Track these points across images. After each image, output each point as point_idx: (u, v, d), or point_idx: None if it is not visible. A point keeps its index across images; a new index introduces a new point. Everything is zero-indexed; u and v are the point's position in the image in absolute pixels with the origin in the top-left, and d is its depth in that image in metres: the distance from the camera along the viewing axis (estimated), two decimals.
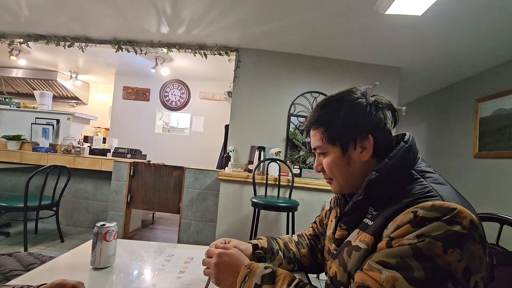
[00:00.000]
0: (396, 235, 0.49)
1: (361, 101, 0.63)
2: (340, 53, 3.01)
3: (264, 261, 0.76)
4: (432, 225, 0.46)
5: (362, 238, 0.57)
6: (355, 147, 0.63)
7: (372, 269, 0.48)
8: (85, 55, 3.78)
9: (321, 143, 0.66)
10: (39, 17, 2.75)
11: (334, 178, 0.67)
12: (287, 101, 3.10)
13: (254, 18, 2.45)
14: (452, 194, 0.52)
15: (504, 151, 2.69)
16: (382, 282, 0.46)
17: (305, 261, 0.85)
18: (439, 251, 0.44)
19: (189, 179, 2.84)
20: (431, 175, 0.58)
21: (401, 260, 0.46)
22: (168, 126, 5.04)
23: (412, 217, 0.48)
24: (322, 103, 0.68)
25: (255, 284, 0.57)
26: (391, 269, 0.46)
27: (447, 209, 0.47)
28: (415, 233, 0.46)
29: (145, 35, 2.95)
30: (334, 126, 0.64)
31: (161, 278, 0.72)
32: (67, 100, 5.50)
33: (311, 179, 2.61)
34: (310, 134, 0.70)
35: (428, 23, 2.22)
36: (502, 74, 2.82)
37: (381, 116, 0.63)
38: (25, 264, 0.98)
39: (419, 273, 0.44)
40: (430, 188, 0.53)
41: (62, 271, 0.73)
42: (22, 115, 3.51)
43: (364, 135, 0.62)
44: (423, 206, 0.49)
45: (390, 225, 0.52)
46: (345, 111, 0.63)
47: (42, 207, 2.49)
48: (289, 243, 0.86)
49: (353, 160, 0.63)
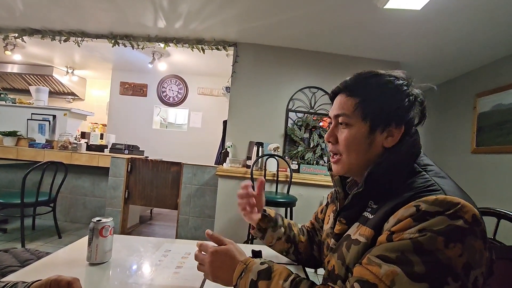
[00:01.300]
0: (397, 229, 0.48)
1: (406, 89, 0.60)
2: (339, 48, 3.00)
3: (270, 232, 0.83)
4: (435, 219, 0.45)
5: (361, 231, 0.56)
6: (383, 131, 0.60)
7: (372, 263, 0.48)
8: (81, 50, 3.73)
9: (350, 113, 0.61)
10: (34, 11, 2.70)
11: (346, 155, 0.63)
12: (285, 96, 3.09)
13: (252, 12, 2.42)
14: (453, 188, 0.51)
15: (502, 146, 2.69)
16: (381, 277, 0.45)
17: (302, 247, 0.86)
18: (441, 246, 0.43)
19: (187, 175, 2.84)
20: (432, 168, 0.57)
21: (401, 254, 0.45)
22: (166, 122, 5.02)
23: (414, 211, 0.47)
24: (364, 73, 0.63)
25: (251, 280, 0.57)
26: (391, 264, 0.45)
27: (450, 204, 0.46)
28: (417, 227, 0.46)
29: (142, 29, 2.92)
30: (373, 102, 0.60)
31: (158, 274, 0.72)
32: (64, 96, 5.45)
33: (310, 174, 2.61)
34: (336, 99, 0.66)
35: (427, 17, 2.20)
36: (502, 69, 2.81)
37: (417, 110, 0.61)
38: (21, 260, 0.97)
39: (419, 268, 0.43)
40: (432, 182, 0.52)
41: (58, 267, 0.72)
42: (17, 111, 3.47)
43: (399, 123, 0.59)
44: (425, 200, 0.48)
45: (391, 219, 0.51)
46: (389, 91, 0.60)
47: (39, 203, 2.48)
48: (292, 225, 0.89)
49: (375, 143, 0.60)
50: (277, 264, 0.60)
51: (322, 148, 2.96)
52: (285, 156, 2.96)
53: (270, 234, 0.84)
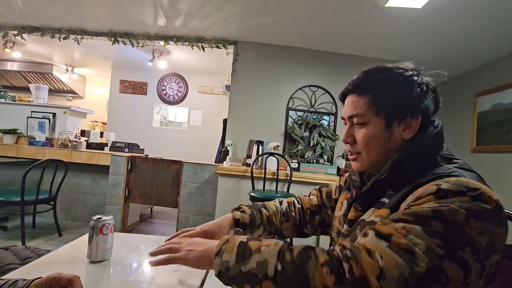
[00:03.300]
0: (416, 204, 0.46)
1: (416, 79, 0.59)
2: (339, 47, 2.99)
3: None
4: (457, 198, 0.44)
5: (377, 213, 0.56)
6: (400, 123, 0.59)
7: (386, 223, 0.46)
8: (81, 48, 3.73)
9: (364, 111, 0.60)
10: (34, 8, 2.69)
11: (365, 153, 0.62)
12: (285, 95, 3.08)
13: (253, 10, 2.41)
14: (477, 179, 0.50)
15: (502, 145, 2.70)
16: (396, 228, 0.43)
17: (287, 233, 0.84)
18: (461, 219, 0.41)
19: (187, 173, 2.84)
20: (457, 161, 0.57)
21: (419, 217, 0.43)
22: (166, 120, 5.01)
23: (435, 189, 0.46)
24: (372, 70, 0.63)
25: (240, 241, 0.52)
26: (408, 223, 0.43)
27: (473, 187, 0.45)
28: (437, 201, 0.44)
29: (142, 27, 2.91)
30: (384, 97, 0.59)
31: (158, 271, 0.72)
32: (63, 94, 5.44)
33: (309, 173, 2.61)
34: (346, 100, 0.65)
35: (428, 16, 2.20)
36: (501, 69, 2.81)
37: (431, 99, 0.60)
38: (21, 258, 0.97)
39: (437, 228, 0.41)
40: (455, 170, 0.51)
41: (59, 264, 0.72)
42: (17, 108, 3.46)
43: (415, 113, 0.58)
44: (447, 180, 0.47)
45: (409, 197, 0.49)
46: (400, 83, 0.59)
47: (39, 201, 2.48)
48: (273, 216, 0.82)
49: (394, 137, 0.59)
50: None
51: (322, 147, 2.96)
52: (285, 154, 2.96)
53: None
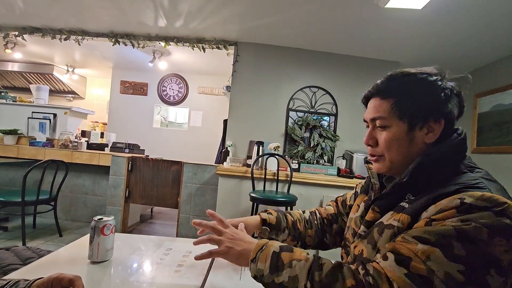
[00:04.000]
0: (438, 218, 0.46)
1: (440, 84, 0.59)
2: (340, 48, 2.99)
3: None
4: (481, 213, 0.43)
5: (396, 217, 0.55)
6: (422, 127, 0.59)
7: (407, 241, 0.46)
8: (81, 49, 3.73)
9: (386, 115, 0.61)
10: (34, 9, 2.70)
11: (387, 155, 0.62)
12: (286, 95, 3.08)
13: (253, 11, 2.42)
14: (501, 191, 0.50)
15: (502, 146, 2.70)
16: (417, 252, 0.43)
17: (309, 241, 0.86)
18: (485, 237, 0.41)
19: (188, 174, 2.84)
20: (480, 170, 0.56)
21: (441, 237, 0.43)
22: (166, 120, 5.02)
23: (459, 203, 0.46)
24: (396, 74, 0.63)
25: (273, 251, 0.57)
26: (429, 245, 0.43)
27: (497, 202, 0.44)
28: (460, 217, 0.44)
29: (142, 28, 2.91)
30: (408, 101, 0.60)
31: (159, 272, 0.72)
32: (64, 94, 5.45)
33: (310, 174, 2.61)
34: (369, 103, 0.66)
35: (428, 17, 2.20)
36: (501, 70, 2.81)
37: (455, 103, 0.60)
38: (22, 258, 0.97)
39: (459, 251, 0.41)
40: (480, 181, 0.51)
41: (60, 265, 0.72)
42: (18, 109, 3.47)
43: (438, 117, 0.58)
44: (472, 194, 0.46)
45: (431, 208, 0.49)
46: (424, 88, 0.59)
47: (40, 202, 2.48)
48: (298, 222, 0.85)
49: (416, 140, 0.60)
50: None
51: (322, 148, 2.96)
52: (285, 155, 2.96)
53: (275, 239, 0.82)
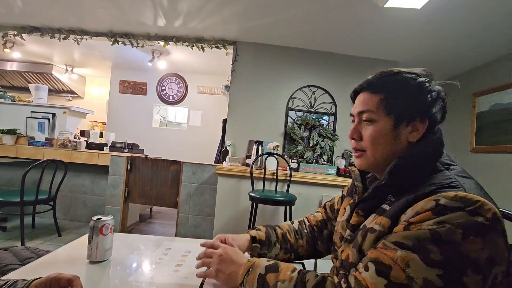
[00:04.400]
0: (415, 221, 0.48)
1: (428, 86, 0.61)
2: (339, 47, 2.99)
3: (264, 257, 0.77)
4: (454, 214, 0.45)
5: (378, 221, 0.56)
6: (407, 125, 0.61)
7: (387, 247, 0.48)
8: (80, 48, 3.73)
9: (375, 109, 0.62)
10: (33, 9, 2.69)
11: (370, 150, 0.63)
12: (285, 95, 3.08)
13: (252, 11, 2.42)
14: (475, 187, 0.51)
15: (501, 145, 2.70)
16: (396, 259, 0.45)
17: (302, 251, 0.85)
18: (459, 238, 0.43)
19: (187, 173, 2.84)
20: (455, 168, 0.57)
21: (418, 242, 0.45)
22: (166, 120, 5.01)
23: (434, 205, 0.47)
24: (387, 72, 0.65)
25: (259, 274, 0.58)
26: (407, 250, 0.45)
27: (470, 201, 0.46)
28: (435, 220, 0.46)
29: (142, 27, 2.91)
30: (396, 98, 0.61)
31: (158, 272, 0.72)
32: (63, 94, 5.44)
33: (309, 173, 2.61)
34: (358, 98, 0.67)
35: (427, 17, 2.20)
36: (500, 69, 2.81)
37: (440, 107, 0.62)
38: (21, 258, 0.97)
39: (436, 256, 0.43)
40: (454, 179, 0.52)
41: (58, 265, 0.72)
42: (17, 108, 3.46)
43: (424, 117, 0.60)
44: (446, 195, 0.48)
45: (409, 211, 0.51)
46: (412, 87, 0.61)
47: (38, 202, 2.48)
48: (288, 234, 0.85)
49: (400, 138, 0.61)
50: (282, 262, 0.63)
51: (321, 147, 2.96)
52: (284, 154, 2.96)
53: (267, 255, 0.81)
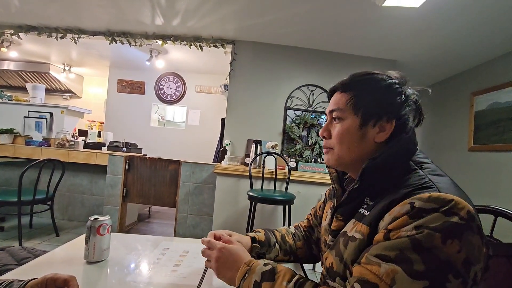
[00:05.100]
0: (393, 227, 0.48)
1: (398, 87, 0.62)
2: (337, 46, 2.99)
3: (264, 257, 0.77)
4: (430, 216, 0.46)
5: (358, 228, 0.57)
6: (375, 125, 0.61)
7: (371, 262, 0.48)
8: (78, 47, 3.71)
9: (344, 107, 0.64)
10: (30, 8, 2.67)
11: (337, 148, 0.65)
12: (283, 94, 3.08)
13: (250, 10, 2.41)
14: (449, 185, 0.52)
15: (498, 144, 2.71)
16: (381, 276, 0.45)
17: (301, 253, 0.86)
18: (438, 243, 0.43)
19: (185, 173, 2.83)
20: (428, 166, 0.57)
21: (400, 253, 0.45)
22: (164, 119, 4.99)
23: (409, 209, 0.48)
24: (360, 73, 0.66)
25: (255, 281, 0.57)
26: (390, 263, 0.45)
27: (444, 201, 0.46)
28: (413, 225, 0.46)
29: (140, 26, 2.90)
30: (365, 96, 0.62)
31: (156, 272, 0.72)
32: (61, 93, 5.41)
33: (308, 172, 2.61)
34: (332, 97, 0.69)
35: (425, 16, 2.20)
36: (498, 68, 2.82)
37: (410, 109, 0.63)
38: (18, 259, 0.96)
39: (419, 266, 0.43)
40: (427, 180, 0.52)
41: (55, 265, 0.72)
42: (14, 108, 3.44)
43: (391, 117, 0.60)
44: (420, 197, 0.48)
45: (386, 216, 0.51)
46: (381, 88, 0.62)
47: (36, 201, 2.47)
48: (286, 236, 0.86)
49: (367, 137, 0.62)
50: (280, 265, 0.61)
51: (320, 146, 2.96)
52: (283, 154, 2.96)
53: (267, 256, 0.82)
